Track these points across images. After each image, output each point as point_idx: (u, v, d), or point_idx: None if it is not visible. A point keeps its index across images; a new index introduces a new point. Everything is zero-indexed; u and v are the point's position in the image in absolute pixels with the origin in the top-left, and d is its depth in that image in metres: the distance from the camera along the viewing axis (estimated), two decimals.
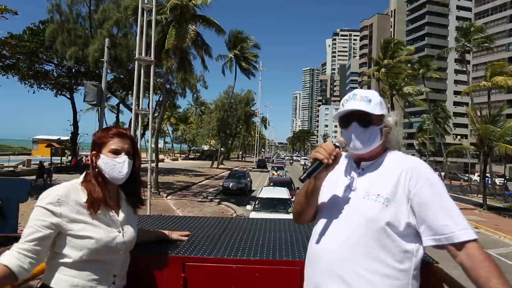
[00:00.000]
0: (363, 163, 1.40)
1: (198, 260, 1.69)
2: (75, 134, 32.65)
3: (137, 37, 10.83)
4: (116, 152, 1.50)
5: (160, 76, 23.03)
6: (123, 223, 1.53)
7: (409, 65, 42.08)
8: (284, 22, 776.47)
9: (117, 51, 18.47)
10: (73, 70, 27.59)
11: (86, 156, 35.19)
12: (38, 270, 1.47)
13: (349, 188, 1.38)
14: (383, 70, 37.12)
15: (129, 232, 1.54)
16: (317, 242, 1.35)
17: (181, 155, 73.32)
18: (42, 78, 28.26)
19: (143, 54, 11.10)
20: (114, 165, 1.49)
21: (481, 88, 28.37)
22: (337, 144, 1.32)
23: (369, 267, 1.22)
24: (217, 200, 19.99)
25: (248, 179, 24.87)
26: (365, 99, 1.35)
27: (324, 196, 1.42)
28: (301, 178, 1.29)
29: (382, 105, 1.38)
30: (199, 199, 20.22)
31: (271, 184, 18.66)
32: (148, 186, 11.52)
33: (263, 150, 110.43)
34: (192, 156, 71.46)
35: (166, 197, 20.18)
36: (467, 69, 33.85)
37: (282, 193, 12.85)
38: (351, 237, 1.26)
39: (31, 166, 29.14)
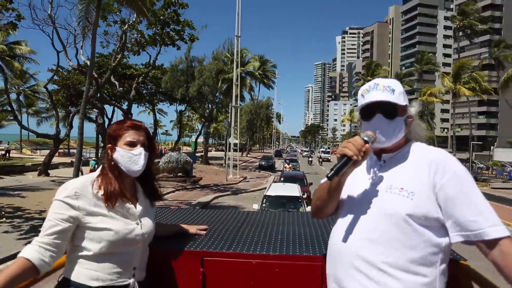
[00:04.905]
0: (384, 155, 1.33)
1: (217, 255, 1.68)
2: (154, 133, 49.42)
3: (233, 95, 26.51)
4: (131, 144, 1.49)
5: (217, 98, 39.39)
6: (141, 215, 1.53)
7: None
8: (297, 16, 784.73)
9: (203, 89, 34.67)
10: (153, 92, 44.06)
11: (165, 148, 51.73)
12: (59, 263, 1.46)
13: (370, 181, 1.31)
14: None
15: (147, 224, 1.54)
16: (339, 237, 1.28)
17: (212, 148, 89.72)
18: (142, 99, 45.05)
19: (233, 102, 26.92)
20: (130, 158, 1.48)
21: (423, 101, 43.05)
22: (365, 138, 1.23)
23: (393, 263, 1.16)
24: (257, 171, 36.02)
25: (274, 160, 41.51)
26: (388, 89, 1.27)
27: (344, 191, 1.35)
28: (329, 176, 1.22)
29: (404, 94, 1.31)
30: (247, 170, 36.21)
31: (282, 179, 18.37)
32: (227, 165, 27.40)
33: (277, 143, 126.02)
34: (220, 148, 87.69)
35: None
36: (422, 83, 49.02)
37: (292, 190, 12.00)
38: (374, 232, 1.21)
39: None
